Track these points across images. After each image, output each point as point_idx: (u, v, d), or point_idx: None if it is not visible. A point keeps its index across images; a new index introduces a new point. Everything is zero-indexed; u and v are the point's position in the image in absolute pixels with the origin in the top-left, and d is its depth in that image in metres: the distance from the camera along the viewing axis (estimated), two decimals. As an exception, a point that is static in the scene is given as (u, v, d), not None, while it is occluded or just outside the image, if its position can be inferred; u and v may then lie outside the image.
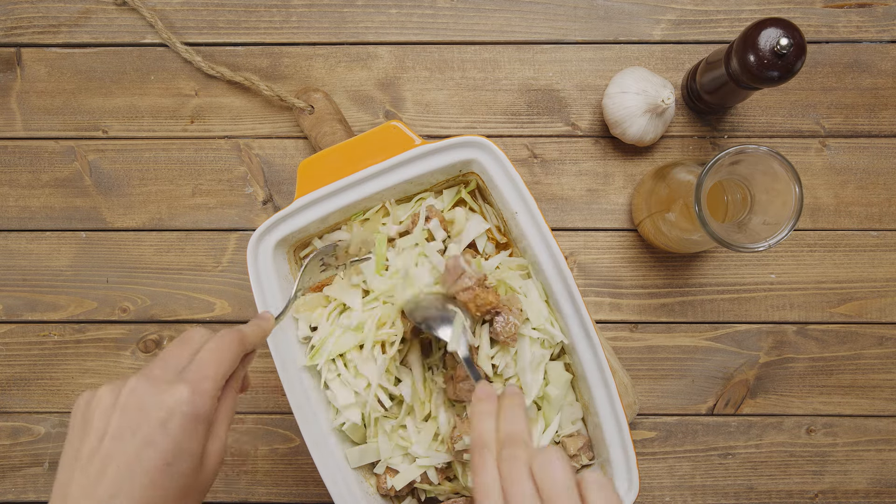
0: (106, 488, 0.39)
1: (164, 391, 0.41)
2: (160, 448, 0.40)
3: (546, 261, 0.59)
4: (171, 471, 0.40)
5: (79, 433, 0.42)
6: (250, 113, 0.73)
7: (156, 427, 0.40)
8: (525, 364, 0.59)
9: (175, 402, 0.40)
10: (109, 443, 0.40)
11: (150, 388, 0.41)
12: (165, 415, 0.40)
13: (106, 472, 0.39)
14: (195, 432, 0.41)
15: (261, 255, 0.60)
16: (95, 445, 0.40)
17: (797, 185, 0.54)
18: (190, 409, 0.41)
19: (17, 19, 0.73)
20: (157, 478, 0.40)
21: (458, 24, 0.73)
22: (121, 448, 0.40)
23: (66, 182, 0.73)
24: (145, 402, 0.41)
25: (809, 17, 0.72)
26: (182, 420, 0.40)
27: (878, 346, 0.72)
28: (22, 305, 0.73)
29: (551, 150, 0.73)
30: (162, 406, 0.40)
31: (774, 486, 0.72)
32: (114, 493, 0.39)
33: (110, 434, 0.40)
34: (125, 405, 0.41)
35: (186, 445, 0.41)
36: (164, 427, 0.40)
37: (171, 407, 0.40)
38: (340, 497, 0.59)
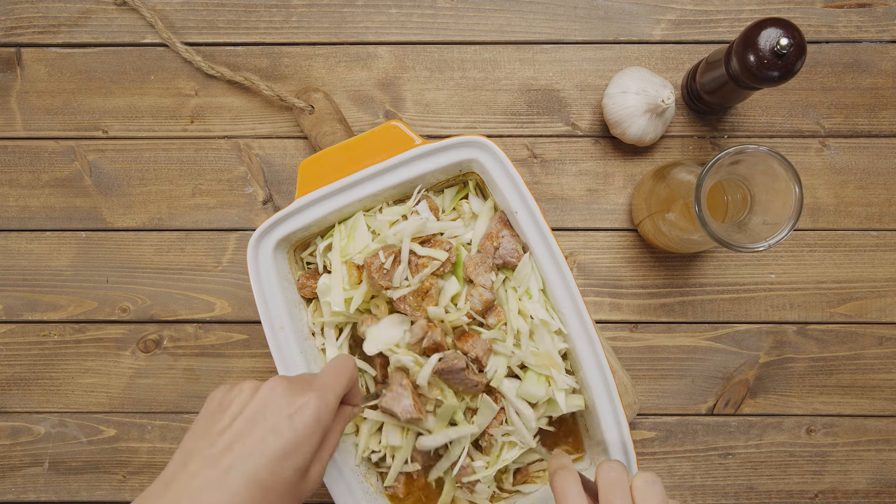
0: (227, 460, 0.43)
1: (297, 393, 0.47)
2: (283, 438, 0.44)
3: (546, 261, 0.59)
4: (285, 463, 0.44)
5: (213, 413, 0.47)
6: (250, 113, 0.73)
7: (284, 419, 0.45)
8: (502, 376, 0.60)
9: (304, 403, 0.46)
10: (241, 422, 0.45)
11: (286, 388, 0.47)
12: (294, 411, 0.46)
13: (232, 447, 0.44)
14: (314, 435, 0.46)
15: (261, 255, 0.60)
16: (227, 424, 0.46)
17: (797, 185, 0.54)
18: (315, 412, 0.46)
19: (17, 19, 0.73)
20: (273, 465, 0.44)
21: (458, 24, 0.73)
22: (250, 429, 0.45)
23: (66, 182, 0.73)
24: (280, 399, 0.46)
25: (809, 17, 0.72)
26: (307, 420, 0.45)
27: (878, 346, 0.72)
28: (22, 305, 0.73)
29: (551, 150, 0.73)
30: (293, 404, 0.46)
31: (774, 486, 0.72)
32: (232, 465, 0.43)
33: (244, 416, 0.45)
34: (262, 397, 0.46)
35: (303, 444, 0.45)
36: (292, 421, 0.45)
37: (299, 406, 0.46)
38: (340, 497, 0.59)
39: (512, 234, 0.61)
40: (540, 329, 0.59)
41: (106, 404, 0.73)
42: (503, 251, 0.60)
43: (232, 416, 0.46)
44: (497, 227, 0.61)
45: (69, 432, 0.73)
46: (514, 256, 0.60)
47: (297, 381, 0.48)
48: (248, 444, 0.44)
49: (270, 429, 0.45)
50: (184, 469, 0.44)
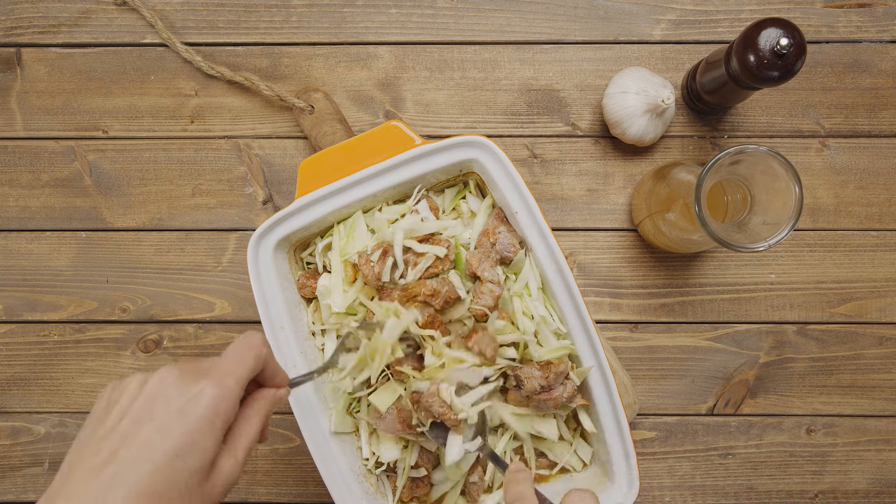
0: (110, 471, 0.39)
1: (189, 383, 0.41)
2: (173, 436, 0.39)
3: (546, 261, 0.59)
4: (177, 464, 0.39)
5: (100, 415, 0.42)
6: (250, 113, 0.73)
7: (173, 415, 0.40)
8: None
9: (197, 393, 0.41)
10: (126, 424, 0.40)
11: (177, 378, 0.41)
12: (185, 404, 0.40)
13: (115, 455, 0.39)
14: (211, 429, 0.41)
15: (261, 255, 0.60)
16: (111, 427, 0.40)
17: (797, 185, 0.54)
18: (210, 402, 0.41)
19: (17, 19, 0.73)
20: (163, 468, 0.39)
21: (458, 24, 0.73)
22: (136, 431, 0.40)
23: (66, 182, 0.73)
24: (169, 392, 0.41)
25: (809, 17, 0.72)
26: (200, 412, 0.40)
27: (878, 346, 0.72)
28: (22, 305, 0.73)
29: (551, 150, 0.73)
30: (184, 395, 0.41)
31: (774, 486, 0.72)
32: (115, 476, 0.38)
33: (129, 416, 0.40)
34: (150, 392, 0.41)
35: (199, 440, 0.40)
36: (182, 416, 0.40)
37: (191, 398, 0.40)
38: (340, 497, 0.59)
39: (509, 229, 0.61)
40: (543, 329, 0.59)
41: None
42: (500, 246, 0.60)
43: (118, 416, 0.41)
44: (494, 224, 0.61)
45: (69, 432, 0.73)
46: (510, 251, 0.60)
47: (191, 369, 0.42)
48: (133, 450, 0.39)
49: (157, 428, 0.40)
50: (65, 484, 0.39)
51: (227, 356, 0.44)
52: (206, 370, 0.43)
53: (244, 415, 0.44)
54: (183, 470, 0.39)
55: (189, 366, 0.43)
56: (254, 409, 0.45)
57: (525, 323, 0.59)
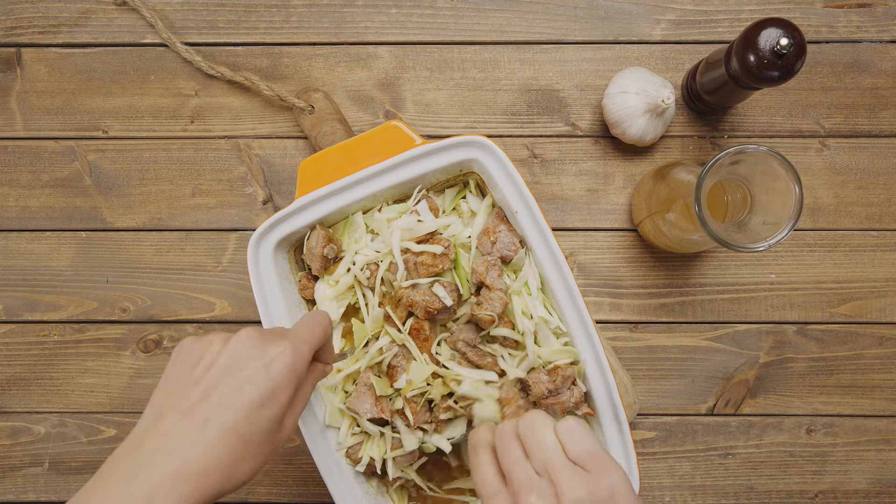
0: (203, 412, 0.42)
1: (271, 343, 0.45)
2: (259, 387, 0.43)
3: (546, 261, 0.59)
4: (262, 413, 0.43)
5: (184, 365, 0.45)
6: (250, 113, 0.73)
7: (260, 368, 0.44)
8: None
9: (278, 353, 0.45)
10: (215, 373, 0.44)
11: (258, 337, 0.45)
12: (270, 361, 0.44)
13: (207, 398, 0.43)
14: (288, 385, 0.45)
15: (261, 255, 0.60)
16: (200, 375, 0.44)
17: (797, 185, 0.54)
18: (290, 361, 0.45)
19: (17, 19, 0.73)
20: (251, 414, 0.43)
21: (458, 24, 0.73)
22: (226, 379, 0.44)
23: (66, 182, 0.73)
24: (253, 349, 0.45)
25: (809, 17, 0.72)
26: (281, 369, 0.44)
27: (878, 346, 0.72)
28: (22, 305, 0.73)
29: (551, 150, 0.73)
30: (267, 354, 0.45)
31: (774, 486, 0.72)
32: (209, 417, 0.42)
33: (218, 366, 0.44)
34: (235, 347, 0.45)
35: (279, 394, 0.44)
36: (267, 370, 0.44)
37: (274, 356, 0.45)
38: (340, 497, 0.59)
39: (509, 228, 0.61)
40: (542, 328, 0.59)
41: (106, 404, 0.73)
42: (500, 245, 0.60)
43: (205, 367, 0.45)
44: (494, 223, 0.61)
45: (69, 432, 0.73)
46: (511, 250, 0.60)
47: (270, 332, 0.47)
48: (224, 394, 0.43)
49: (246, 378, 0.44)
50: (156, 425, 0.43)
51: (301, 326, 0.49)
52: (284, 334, 0.47)
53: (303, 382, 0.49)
54: (265, 418, 0.44)
55: (268, 329, 0.48)
56: (309, 378, 0.50)
57: (524, 323, 0.59)
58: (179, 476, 0.41)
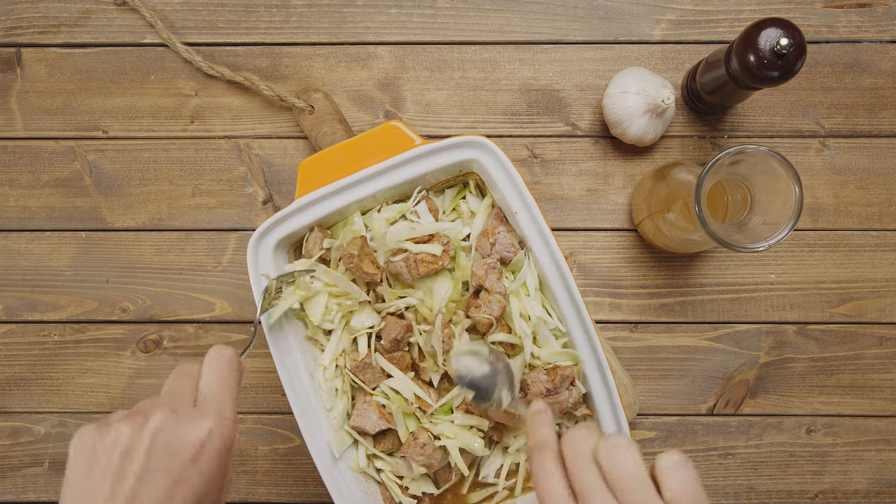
0: None
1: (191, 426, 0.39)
2: (192, 486, 0.38)
3: (546, 261, 0.59)
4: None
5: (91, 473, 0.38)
6: (250, 113, 0.73)
7: (188, 465, 0.38)
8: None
9: (204, 438, 0.39)
10: (136, 484, 0.37)
11: (176, 425, 0.39)
12: (196, 451, 0.39)
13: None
14: (224, 465, 0.40)
15: (261, 256, 0.60)
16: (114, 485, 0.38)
17: (797, 185, 0.54)
18: (220, 442, 0.40)
19: (17, 19, 0.73)
20: None
21: (458, 24, 0.73)
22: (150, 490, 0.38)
23: (66, 182, 0.73)
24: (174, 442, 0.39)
25: (809, 17, 0.72)
26: (213, 455, 0.39)
27: (878, 346, 0.72)
28: (22, 305, 0.73)
29: (551, 150, 0.73)
30: (192, 443, 0.39)
31: (774, 486, 0.72)
32: None
33: (136, 475, 0.38)
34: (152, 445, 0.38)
35: (216, 479, 0.40)
36: (196, 464, 0.39)
37: (200, 443, 0.39)
38: (340, 497, 0.59)
39: (508, 229, 0.61)
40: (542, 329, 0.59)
41: (106, 404, 0.73)
42: (499, 247, 0.60)
43: (118, 476, 0.38)
44: (493, 224, 0.61)
45: (69, 432, 0.73)
46: (510, 251, 0.60)
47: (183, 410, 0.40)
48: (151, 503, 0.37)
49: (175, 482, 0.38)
50: None
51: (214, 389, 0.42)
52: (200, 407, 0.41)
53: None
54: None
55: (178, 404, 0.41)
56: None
57: (522, 326, 0.59)
58: None
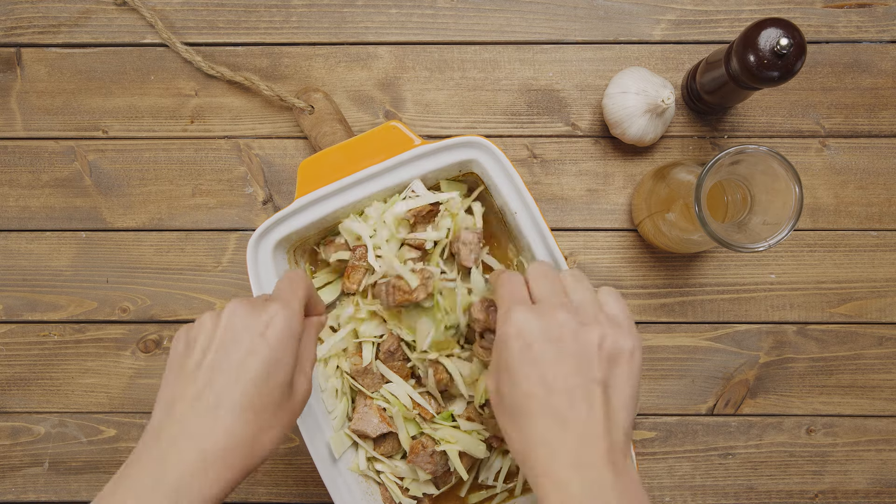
0: (211, 395, 0.43)
1: (260, 309, 0.46)
2: (261, 356, 0.44)
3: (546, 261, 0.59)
4: (270, 381, 0.44)
5: (182, 354, 0.46)
6: (250, 113, 0.73)
7: (256, 337, 0.44)
8: None
9: (271, 317, 0.45)
10: (215, 354, 0.44)
11: (247, 308, 0.46)
12: (264, 327, 0.45)
13: (212, 380, 0.43)
14: (289, 346, 0.45)
15: (261, 256, 0.60)
16: (200, 358, 0.45)
17: (797, 185, 0.54)
18: (285, 322, 0.45)
19: (17, 19, 0.73)
20: (259, 385, 0.44)
21: (458, 24, 0.73)
22: (226, 357, 0.44)
23: (66, 182, 0.73)
24: (246, 320, 0.45)
25: (809, 17, 0.72)
26: (278, 333, 0.45)
27: (878, 346, 0.72)
28: (22, 305, 0.73)
29: (551, 150, 0.73)
30: (259, 321, 0.45)
31: (774, 486, 0.72)
32: (218, 399, 0.43)
33: (215, 347, 0.45)
34: (228, 323, 0.45)
35: (282, 357, 0.45)
36: (264, 337, 0.44)
37: (268, 321, 0.45)
38: (340, 498, 0.59)
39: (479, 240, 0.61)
40: None
41: (106, 404, 0.73)
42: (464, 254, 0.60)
43: (202, 350, 0.45)
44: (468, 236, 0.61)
45: (69, 432, 0.73)
46: (468, 261, 0.60)
47: (256, 300, 0.47)
48: (229, 372, 0.44)
49: (246, 351, 0.44)
50: (170, 414, 0.43)
51: (282, 287, 0.49)
52: (271, 298, 0.47)
53: (304, 340, 0.49)
54: (274, 385, 0.44)
55: (253, 298, 0.48)
56: (309, 333, 0.50)
57: None
58: (204, 460, 0.41)
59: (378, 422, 0.60)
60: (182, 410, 0.43)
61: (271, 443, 0.45)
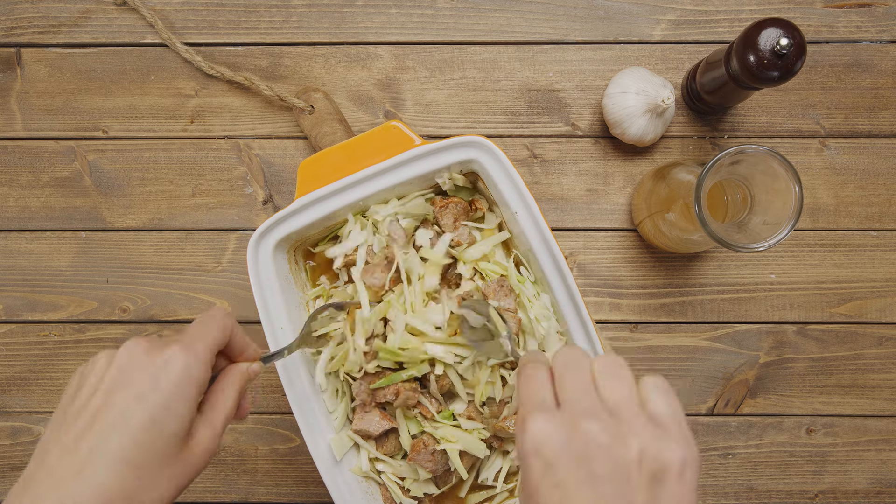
0: (87, 444, 0.39)
1: (158, 350, 0.42)
2: (149, 403, 0.40)
3: (546, 261, 0.59)
4: (155, 430, 0.40)
5: (71, 394, 0.42)
6: (250, 113, 0.73)
7: (147, 382, 0.40)
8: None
9: (167, 360, 0.41)
10: (99, 398, 0.40)
11: (144, 348, 0.42)
12: (157, 370, 0.41)
13: (91, 427, 0.40)
14: (185, 393, 0.41)
15: (261, 256, 0.60)
16: (85, 401, 0.41)
17: (797, 185, 0.54)
18: (181, 367, 0.41)
19: (17, 19, 0.73)
20: (140, 435, 0.39)
21: (458, 24, 0.73)
22: (110, 401, 0.40)
23: (66, 182, 0.73)
24: (139, 360, 0.41)
25: (809, 17, 0.72)
26: (173, 377, 0.41)
27: (878, 346, 0.72)
28: (22, 305, 0.73)
29: (551, 150, 0.73)
30: (154, 363, 0.41)
31: (774, 486, 0.72)
32: (93, 449, 0.39)
33: (103, 389, 0.41)
34: (120, 363, 0.42)
35: (174, 405, 0.41)
36: (155, 382, 0.40)
37: (162, 364, 0.41)
38: (341, 498, 0.59)
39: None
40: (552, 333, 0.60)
41: (106, 404, 0.73)
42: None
43: (89, 392, 0.41)
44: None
45: (69, 432, 0.73)
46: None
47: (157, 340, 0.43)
48: (109, 420, 0.39)
49: (133, 397, 0.40)
50: (42, 464, 0.39)
51: (192, 327, 0.45)
52: (172, 339, 0.43)
53: (219, 387, 0.45)
54: (160, 436, 0.40)
55: (154, 338, 0.44)
56: (227, 381, 0.46)
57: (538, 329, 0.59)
58: None
59: (379, 419, 0.60)
60: (52, 461, 0.39)
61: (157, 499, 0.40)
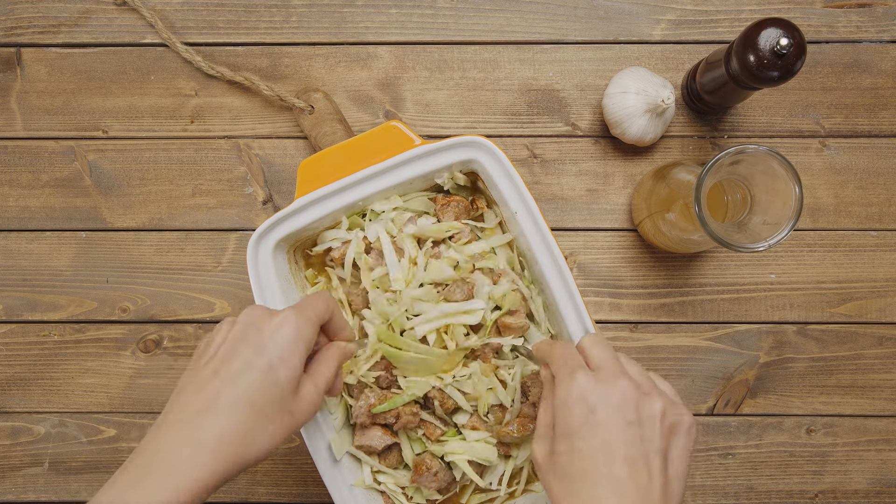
0: (215, 386, 0.45)
1: (274, 313, 0.49)
2: (266, 353, 0.46)
3: (546, 261, 0.59)
4: (271, 377, 0.46)
5: (200, 352, 0.49)
6: (250, 113, 0.73)
7: (266, 337, 0.47)
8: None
9: (282, 319, 0.48)
10: (224, 350, 0.47)
11: (262, 311, 0.49)
12: (274, 329, 0.47)
13: (217, 373, 0.46)
14: (296, 348, 0.47)
15: (261, 255, 0.60)
16: (212, 355, 0.48)
17: (797, 185, 0.54)
18: (294, 325, 0.47)
19: (17, 19, 0.73)
20: (260, 380, 0.45)
21: (458, 24, 0.73)
22: (233, 354, 0.47)
23: (66, 182, 0.73)
24: (258, 320, 0.48)
25: (809, 17, 0.72)
26: (287, 334, 0.47)
27: (878, 346, 0.72)
28: (22, 305, 0.73)
29: (551, 150, 0.73)
30: (271, 323, 0.48)
31: (774, 486, 0.72)
32: (220, 389, 0.45)
33: (226, 344, 0.48)
34: (241, 323, 0.48)
35: (288, 357, 0.47)
36: (272, 337, 0.47)
37: (278, 322, 0.47)
38: (341, 498, 0.59)
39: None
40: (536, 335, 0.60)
41: (106, 404, 0.73)
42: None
43: (216, 347, 0.48)
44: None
45: (69, 432, 0.73)
46: None
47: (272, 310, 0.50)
48: (234, 367, 0.46)
49: (253, 349, 0.46)
50: (176, 403, 0.46)
51: (303, 300, 0.51)
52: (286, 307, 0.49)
53: (321, 357, 0.51)
54: (276, 383, 0.46)
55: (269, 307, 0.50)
56: (329, 353, 0.52)
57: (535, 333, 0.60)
58: (199, 447, 0.43)
59: (381, 435, 0.60)
60: (186, 399, 0.46)
61: (267, 441, 0.46)
